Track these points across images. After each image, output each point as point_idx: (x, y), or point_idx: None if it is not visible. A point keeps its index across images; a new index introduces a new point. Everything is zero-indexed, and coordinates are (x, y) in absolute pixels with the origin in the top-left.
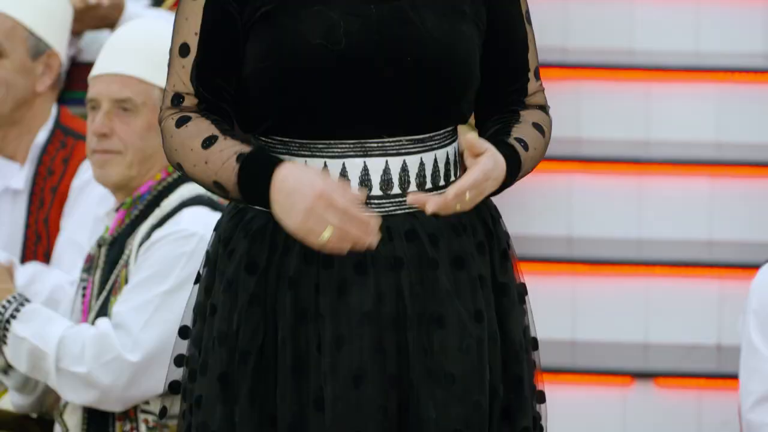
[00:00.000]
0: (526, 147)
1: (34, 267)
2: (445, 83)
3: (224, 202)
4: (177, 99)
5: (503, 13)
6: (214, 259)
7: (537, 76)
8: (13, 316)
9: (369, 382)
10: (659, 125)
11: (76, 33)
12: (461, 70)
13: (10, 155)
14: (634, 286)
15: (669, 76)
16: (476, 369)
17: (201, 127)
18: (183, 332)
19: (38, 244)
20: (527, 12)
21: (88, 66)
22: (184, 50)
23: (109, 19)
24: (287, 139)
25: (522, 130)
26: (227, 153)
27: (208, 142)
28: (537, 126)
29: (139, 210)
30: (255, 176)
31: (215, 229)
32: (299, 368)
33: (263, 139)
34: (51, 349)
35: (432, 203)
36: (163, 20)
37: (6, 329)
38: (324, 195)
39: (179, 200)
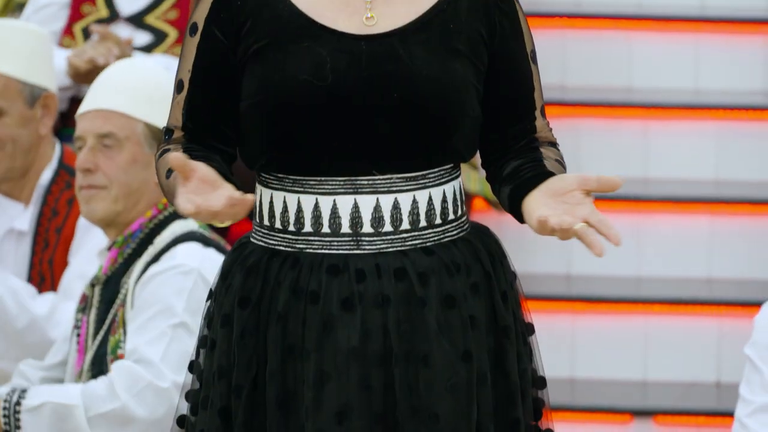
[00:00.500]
0: None
1: (52, 297)
2: (433, 120)
3: (216, 237)
4: (167, 133)
5: (508, 52)
6: (216, 293)
7: (543, 115)
8: (21, 397)
9: (355, 419)
10: (658, 163)
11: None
12: (450, 108)
13: (15, 196)
14: (633, 323)
15: (668, 113)
16: (462, 409)
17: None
18: (191, 367)
19: (42, 284)
20: (533, 51)
21: None
22: (179, 87)
23: None
24: (281, 175)
25: (552, 167)
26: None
27: (170, 173)
28: (559, 162)
29: (131, 248)
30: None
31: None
32: (286, 403)
33: (263, 174)
34: (76, 399)
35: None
36: (149, 59)
37: (17, 412)
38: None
39: (172, 236)
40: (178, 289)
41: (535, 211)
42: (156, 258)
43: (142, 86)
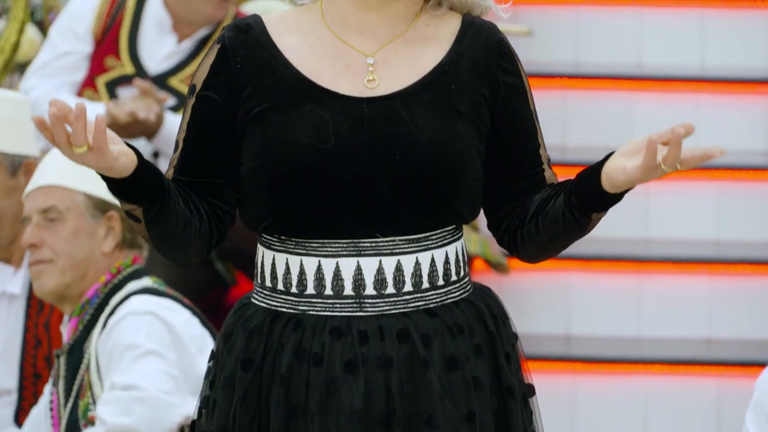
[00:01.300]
0: None
1: None
2: (435, 183)
3: (173, 292)
4: None
5: (512, 111)
6: (217, 354)
7: (550, 168)
8: None
9: None
10: (658, 223)
11: None
12: (453, 170)
13: (5, 259)
14: (632, 384)
15: (669, 174)
16: None
17: None
18: (192, 426)
19: (38, 348)
20: (535, 111)
21: None
22: (176, 146)
23: (150, 130)
24: (284, 237)
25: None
26: None
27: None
28: None
29: (90, 314)
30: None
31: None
32: None
33: (264, 236)
34: None
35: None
36: None
37: None
38: None
39: (126, 294)
40: (135, 328)
41: (626, 165)
42: (111, 313)
43: None
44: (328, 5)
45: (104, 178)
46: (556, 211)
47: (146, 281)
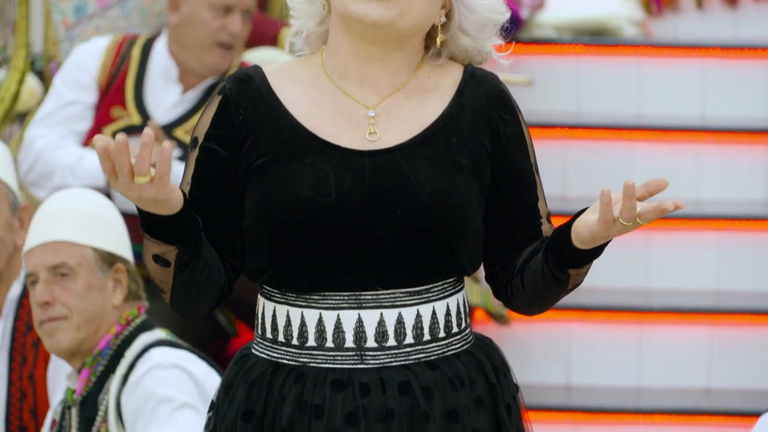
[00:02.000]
0: None
1: None
2: (437, 236)
3: (185, 344)
4: None
5: (512, 163)
6: (217, 404)
7: (549, 221)
8: None
9: None
10: (659, 273)
11: None
12: (454, 223)
13: None
14: None
15: (669, 224)
16: None
17: None
18: None
19: (23, 400)
20: (535, 163)
21: None
22: None
23: None
24: (285, 289)
25: None
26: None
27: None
28: None
29: (103, 365)
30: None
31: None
32: None
33: (265, 287)
34: None
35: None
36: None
37: None
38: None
39: (142, 346)
40: (165, 381)
41: (588, 220)
42: (131, 367)
43: (84, 213)
44: (329, 56)
45: (145, 216)
46: (536, 267)
47: (159, 333)
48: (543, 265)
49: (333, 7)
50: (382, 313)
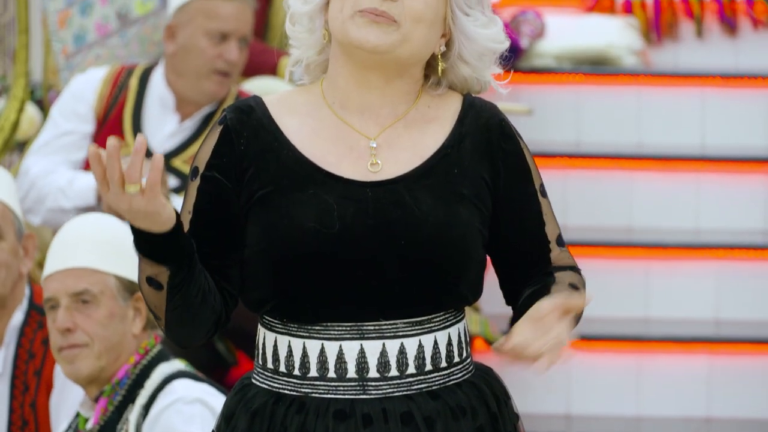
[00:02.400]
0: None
1: None
2: (440, 267)
3: (203, 376)
4: None
5: (514, 193)
6: None
7: (561, 243)
8: None
9: None
10: (658, 302)
11: None
12: (456, 254)
13: None
14: None
15: (668, 253)
16: None
17: None
18: None
19: (25, 429)
20: (541, 186)
21: None
22: None
23: None
24: (286, 320)
25: (561, 290)
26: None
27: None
28: (573, 286)
29: (121, 395)
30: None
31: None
32: None
33: (266, 318)
34: None
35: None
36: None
37: None
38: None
39: (162, 377)
40: (188, 417)
41: (509, 339)
42: (153, 398)
43: (107, 240)
44: (329, 86)
45: (137, 233)
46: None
47: (178, 364)
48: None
49: (333, 35)
50: (384, 344)
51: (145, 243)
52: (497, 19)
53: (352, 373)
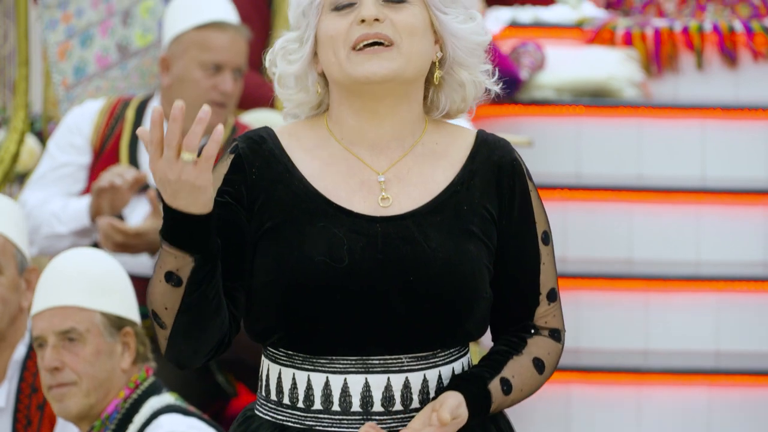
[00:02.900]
0: (509, 390)
1: None
2: (448, 303)
3: (194, 410)
4: None
5: (516, 232)
6: None
7: (552, 298)
8: None
9: None
10: (658, 335)
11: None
12: (465, 291)
13: None
14: None
15: (668, 285)
16: None
17: None
18: None
19: None
20: (545, 232)
21: None
22: None
23: (155, 245)
24: (291, 353)
25: (516, 368)
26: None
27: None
28: (537, 362)
29: (111, 430)
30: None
31: None
32: None
33: (270, 350)
34: None
35: None
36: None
37: None
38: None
39: (151, 411)
40: None
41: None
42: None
43: (93, 277)
44: (335, 124)
45: (171, 215)
46: None
47: (168, 397)
48: None
49: (334, 80)
50: (389, 378)
51: (176, 228)
52: (475, 13)
53: (356, 406)
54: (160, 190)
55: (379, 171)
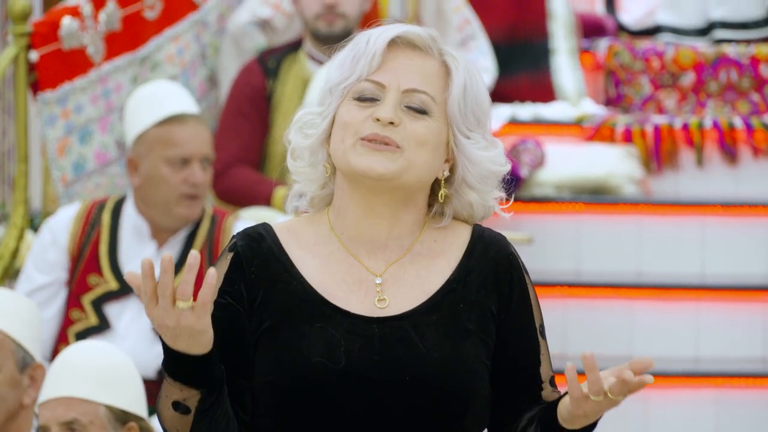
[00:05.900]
0: None
1: None
2: (445, 403)
3: None
4: None
5: (516, 326)
6: None
7: (553, 385)
8: None
9: None
10: (657, 430)
11: None
12: (463, 390)
13: None
14: None
15: (668, 381)
16: None
17: None
18: None
19: None
20: (541, 326)
21: None
22: None
23: None
24: None
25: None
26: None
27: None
28: None
29: None
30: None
31: None
32: None
33: None
34: None
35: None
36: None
37: None
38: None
39: None
40: None
41: (566, 399)
42: None
43: (100, 368)
44: (336, 217)
45: (173, 356)
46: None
47: None
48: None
49: (337, 166)
50: None
51: (180, 366)
52: (497, 141)
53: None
54: (159, 333)
55: (376, 273)
